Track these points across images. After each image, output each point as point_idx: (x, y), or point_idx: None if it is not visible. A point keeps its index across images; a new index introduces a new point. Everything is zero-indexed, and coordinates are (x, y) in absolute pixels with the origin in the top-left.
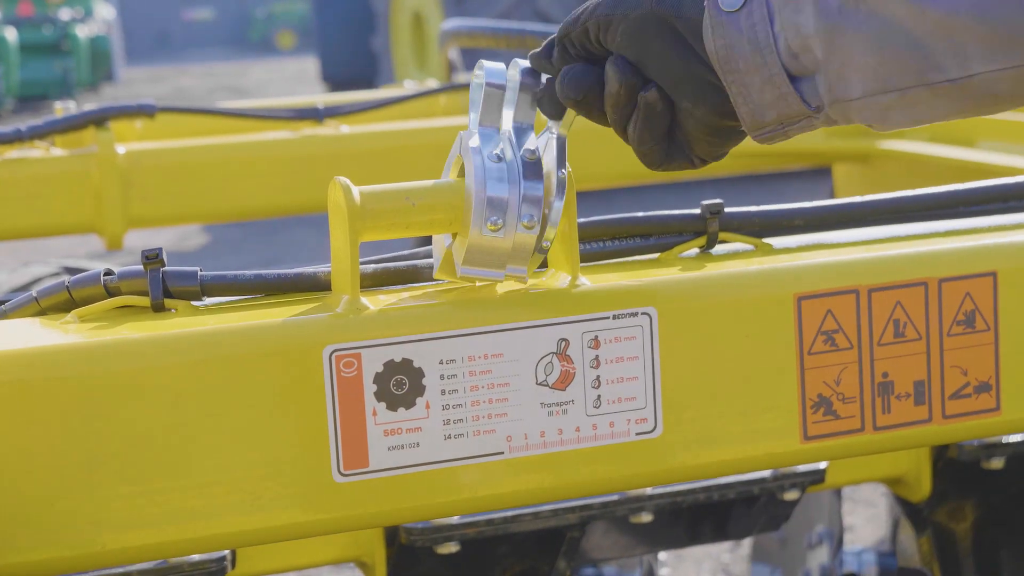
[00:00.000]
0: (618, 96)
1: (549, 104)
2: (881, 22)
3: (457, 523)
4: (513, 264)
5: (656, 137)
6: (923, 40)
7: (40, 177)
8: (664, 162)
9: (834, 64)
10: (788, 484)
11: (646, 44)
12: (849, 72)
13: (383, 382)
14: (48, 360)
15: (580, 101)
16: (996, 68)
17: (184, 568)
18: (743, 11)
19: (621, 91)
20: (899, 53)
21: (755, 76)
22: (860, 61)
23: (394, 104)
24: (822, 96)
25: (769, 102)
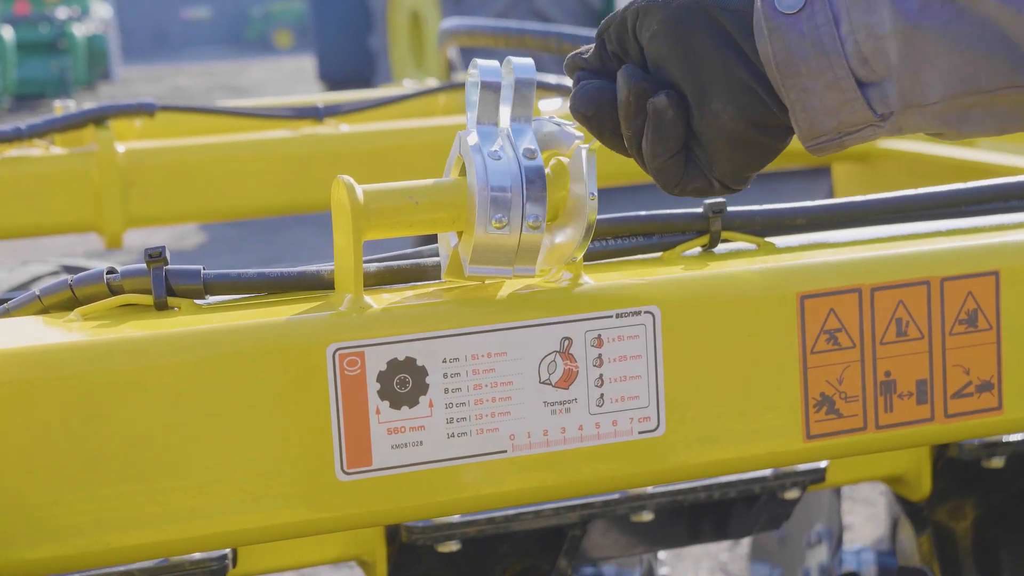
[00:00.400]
0: (627, 105)
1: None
2: (971, 20)
3: (458, 522)
4: (521, 264)
5: (669, 149)
6: (1018, 40)
7: (40, 176)
8: (681, 182)
9: (911, 66)
10: (789, 483)
11: (682, 37)
12: (928, 74)
13: (386, 380)
14: (51, 359)
15: (591, 117)
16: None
17: (185, 567)
18: (803, 13)
19: (630, 98)
20: (989, 53)
21: (818, 81)
22: (943, 62)
23: (394, 103)
24: (893, 101)
25: (831, 108)
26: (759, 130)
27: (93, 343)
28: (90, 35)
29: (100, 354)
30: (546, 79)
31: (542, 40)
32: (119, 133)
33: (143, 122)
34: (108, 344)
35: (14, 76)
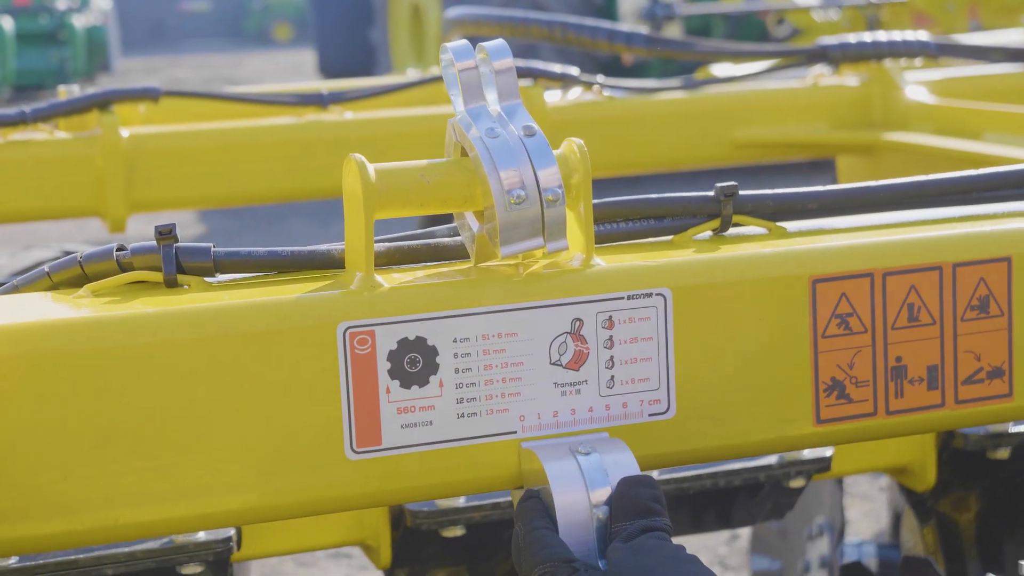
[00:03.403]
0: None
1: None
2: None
3: (463, 506)
4: (552, 239)
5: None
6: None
7: (43, 160)
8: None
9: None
10: (794, 471)
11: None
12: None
13: (397, 360)
14: (61, 334)
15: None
16: None
17: (190, 548)
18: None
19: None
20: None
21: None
22: None
23: (398, 91)
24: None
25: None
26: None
27: (103, 319)
28: (89, 26)
29: (110, 330)
30: (551, 68)
31: (547, 30)
32: (123, 118)
33: (147, 107)
34: (118, 320)
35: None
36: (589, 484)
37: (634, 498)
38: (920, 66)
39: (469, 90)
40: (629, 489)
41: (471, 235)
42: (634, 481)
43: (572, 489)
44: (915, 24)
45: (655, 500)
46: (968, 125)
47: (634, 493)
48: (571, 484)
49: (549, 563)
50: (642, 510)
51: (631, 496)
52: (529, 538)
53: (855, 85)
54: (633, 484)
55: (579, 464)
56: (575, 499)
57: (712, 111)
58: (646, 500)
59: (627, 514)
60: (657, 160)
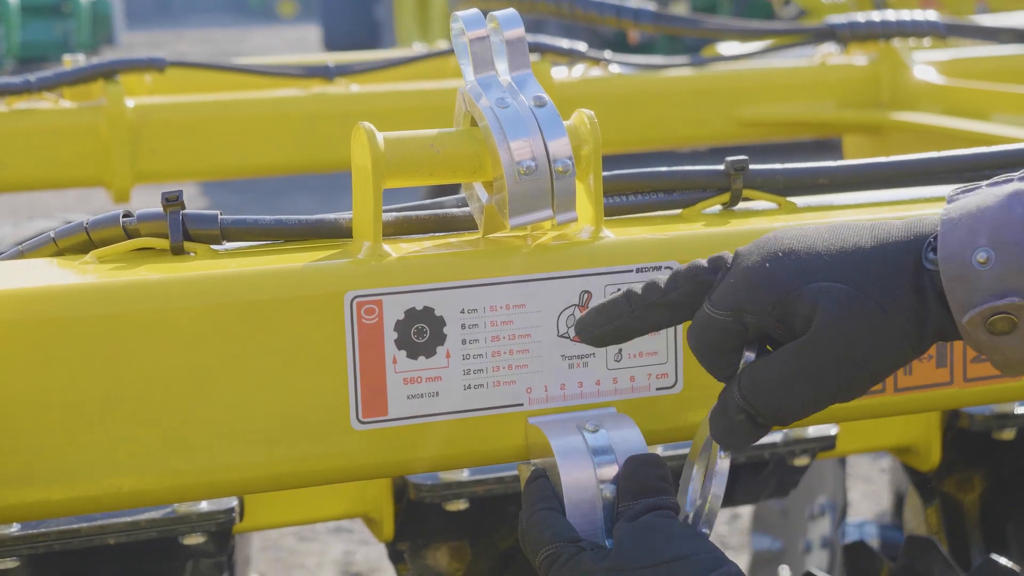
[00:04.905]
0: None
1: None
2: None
3: (467, 480)
4: (561, 211)
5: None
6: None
7: (48, 129)
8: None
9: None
10: (799, 449)
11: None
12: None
13: (404, 330)
14: (67, 299)
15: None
16: None
17: (193, 518)
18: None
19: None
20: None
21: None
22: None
23: (404, 64)
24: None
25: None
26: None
27: (109, 284)
28: (94, 0)
29: (116, 296)
30: (558, 44)
31: (554, 5)
32: (128, 88)
33: (152, 78)
34: (124, 286)
35: (17, 39)
36: (596, 462)
37: (641, 477)
38: (929, 46)
39: (479, 59)
40: (636, 468)
41: (480, 206)
42: (641, 460)
43: (579, 467)
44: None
45: (662, 479)
46: (976, 105)
47: (641, 472)
48: (578, 462)
49: (554, 544)
50: (649, 489)
51: (638, 476)
52: (533, 519)
53: (863, 64)
54: (640, 463)
55: (586, 441)
56: (582, 477)
57: (719, 89)
58: (653, 479)
59: (633, 493)
60: (663, 137)
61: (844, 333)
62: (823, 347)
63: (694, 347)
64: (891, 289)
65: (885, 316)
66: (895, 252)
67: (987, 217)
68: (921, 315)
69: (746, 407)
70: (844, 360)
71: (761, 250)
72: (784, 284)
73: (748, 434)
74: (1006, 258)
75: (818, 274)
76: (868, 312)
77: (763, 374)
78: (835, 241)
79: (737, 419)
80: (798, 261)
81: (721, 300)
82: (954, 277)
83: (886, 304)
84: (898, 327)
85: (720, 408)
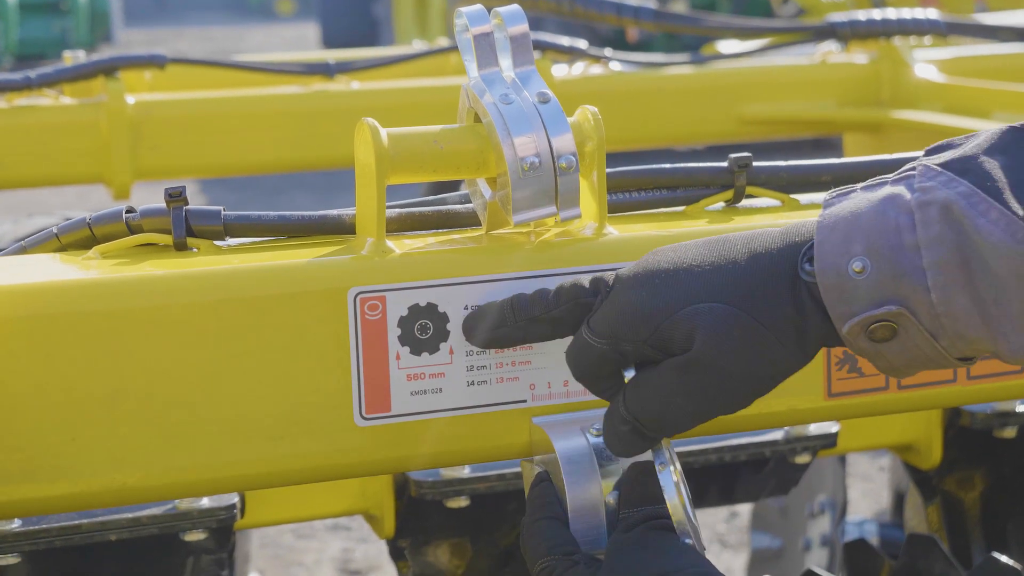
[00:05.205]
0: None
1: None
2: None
3: (468, 477)
4: (565, 207)
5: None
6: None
7: (48, 126)
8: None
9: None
10: (800, 447)
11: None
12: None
13: (407, 326)
14: (69, 295)
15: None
16: None
17: (194, 514)
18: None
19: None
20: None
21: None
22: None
23: (404, 61)
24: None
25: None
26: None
27: (112, 280)
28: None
29: (119, 291)
30: (559, 41)
31: (555, 3)
32: (129, 85)
33: (153, 75)
34: (127, 282)
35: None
36: (600, 467)
37: (640, 485)
38: (929, 44)
39: (483, 55)
40: (637, 476)
41: (483, 202)
42: (642, 468)
43: (582, 472)
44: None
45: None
46: (977, 104)
47: (641, 481)
48: (581, 467)
49: (549, 556)
50: (648, 498)
51: (638, 484)
52: (532, 529)
53: (864, 62)
54: (641, 471)
55: (590, 444)
56: (585, 482)
57: (720, 87)
58: (653, 487)
59: (634, 501)
60: (664, 135)
61: (723, 352)
62: (703, 367)
63: (572, 370)
64: (769, 304)
65: (765, 332)
66: (771, 265)
67: (862, 224)
68: (800, 327)
69: (630, 419)
70: (725, 377)
71: (637, 276)
72: (658, 313)
73: (634, 444)
74: (881, 266)
75: (694, 295)
76: (747, 329)
77: (645, 390)
78: (711, 258)
79: (622, 429)
80: (674, 285)
81: (597, 327)
82: (831, 287)
83: (765, 320)
84: (779, 342)
85: (607, 418)
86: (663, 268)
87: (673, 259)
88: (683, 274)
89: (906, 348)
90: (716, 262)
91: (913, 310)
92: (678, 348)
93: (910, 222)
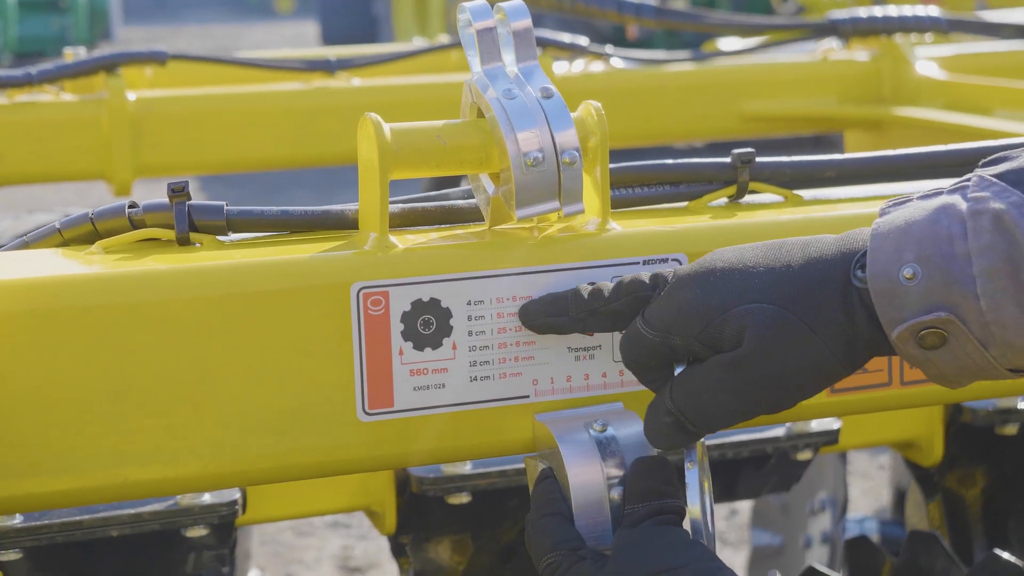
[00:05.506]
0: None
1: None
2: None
3: (469, 473)
4: (568, 203)
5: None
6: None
7: (49, 122)
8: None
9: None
10: (802, 444)
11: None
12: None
13: (410, 321)
14: (72, 289)
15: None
16: None
17: (195, 510)
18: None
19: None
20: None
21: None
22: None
23: (405, 58)
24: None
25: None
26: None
27: (115, 275)
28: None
29: (122, 286)
30: (560, 38)
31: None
32: (130, 81)
33: (154, 71)
34: (130, 276)
35: (15, 34)
36: (604, 462)
37: (646, 480)
38: (931, 42)
39: (486, 51)
40: (642, 471)
41: (486, 197)
42: (647, 463)
43: (586, 469)
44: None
45: (667, 482)
46: (978, 101)
47: (646, 476)
48: (586, 463)
49: (554, 552)
50: (654, 492)
51: (643, 479)
52: (537, 525)
53: (865, 60)
54: (646, 466)
55: (594, 440)
56: (590, 479)
57: (721, 84)
58: (658, 483)
59: (639, 496)
60: (665, 132)
61: (771, 353)
62: (750, 366)
63: (624, 359)
64: (819, 308)
65: (813, 336)
66: (824, 270)
67: (915, 232)
68: (850, 333)
69: (675, 412)
70: (771, 378)
71: (694, 274)
72: (711, 310)
73: (675, 437)
74: (932, 273)
75: (747, 295)
76: (795, 332)
77: (692, 385)
78: (766, 260)
79: (665, 421)
80: (729, 284)
81: (651, 320)
82: (882, 293)
83: (813, 323)
84: (826, 346)
85: (652, 409)
86: (719, 267)
87: (730, 259)
88: (738, 274)
89: (956, 357)
90: (771, 264)
91: (963, 317)
92: (727, 345)
93: (962, 231)
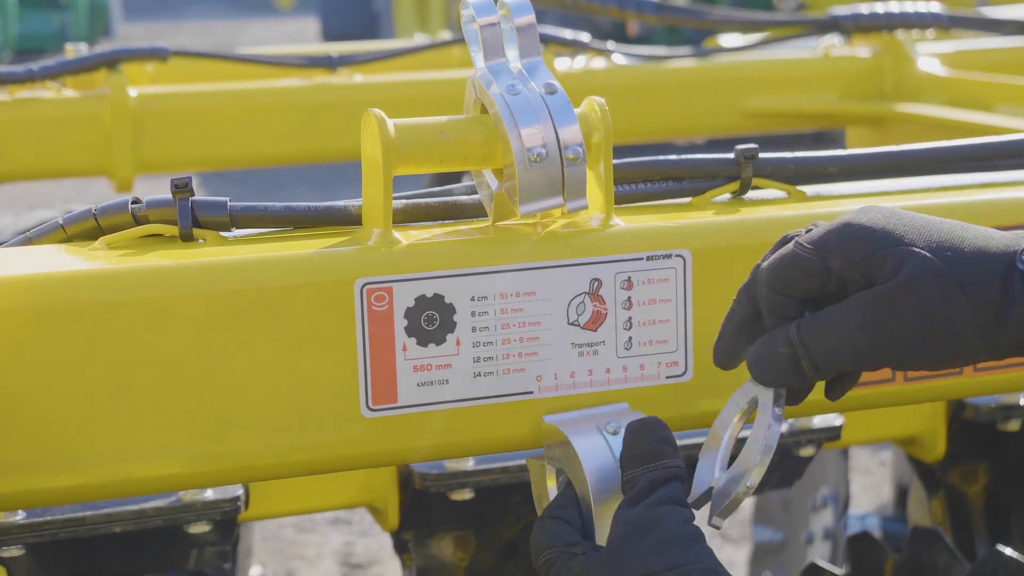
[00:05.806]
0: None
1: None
2: None
3: (472, 469)
4: (571, 198)
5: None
6: None
7: (51, 118)
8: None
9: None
10: (805, 440)
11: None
12: None
13: (414, 317)
14: (75, 285)
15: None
16: None
17: (198, 506)
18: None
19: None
20: None
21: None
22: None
23: (407, 54)
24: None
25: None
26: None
27: (118, 271)
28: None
29: (125, 282)
30: (561, 35)
31: None
32: (131, 78)
33: (155, 68)
34: (134, 272)
35: (15, 31)
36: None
37: (641, 442)
38: (932, 38)
39: (490, 46)
40: (635, 434)
41: (489, 193)
42: (640, 425)
43: (604, 472)
44: None
45: (663, 442)
46: (980, 97)
47: (640, 438)
48: (603, 466)
49: (550, 549)
50: (650, 454)
51: (637, 441)
52: (538, 527)
53: (866, 56)
54: (639, 428)
55: (610, 446)
56: (608, 483)
57: (723, 80)
58: (653, 443)
59: (635, 460)
60: (666, 128)
61: (919, 299)
62: (894, 304)
63: (769, 279)
64: (978, 280)
65: (964, 299)
66: (992, 246)
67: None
68: (1002, 311)
69: (797, 343)
70: (910, 327)
71: (871, 209)
72: (879, 240)
73: (784, 372)
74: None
75: (917, 241)
76: (948, 287)
77: (825, 320)
78: (940, 224)
79: (782, 352)
80: (903, 225)
81: (812, 240)
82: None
83: (968, 287)
84: (974, 313)
85: (767, 339)
86: (893, 212)
87: (904, 211)
88: (914, 221)
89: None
90: (946, 227)
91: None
92: (883, 277)
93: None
